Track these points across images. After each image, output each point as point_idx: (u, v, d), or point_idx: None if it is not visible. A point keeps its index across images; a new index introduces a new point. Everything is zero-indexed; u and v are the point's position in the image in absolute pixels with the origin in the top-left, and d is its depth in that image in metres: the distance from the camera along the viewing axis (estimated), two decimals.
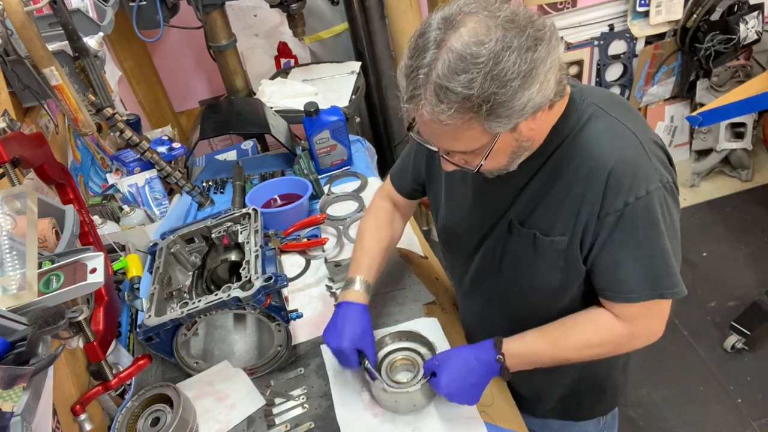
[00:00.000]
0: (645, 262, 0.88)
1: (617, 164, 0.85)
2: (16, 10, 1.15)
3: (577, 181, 0.88)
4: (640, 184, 0.84)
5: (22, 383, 0.72)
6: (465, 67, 0.72)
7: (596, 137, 0.88)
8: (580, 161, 0.88)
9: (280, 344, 1.20)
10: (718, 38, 2.70)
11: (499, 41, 0.72)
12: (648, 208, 0.85)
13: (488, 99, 0.73)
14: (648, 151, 0.86)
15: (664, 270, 0.89)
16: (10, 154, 0.93)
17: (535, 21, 0.76)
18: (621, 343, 0.98)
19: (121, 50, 2.28)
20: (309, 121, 1.73)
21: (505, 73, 0.72)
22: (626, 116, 0.90)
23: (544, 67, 0.75)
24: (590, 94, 0.91)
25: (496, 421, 1.06)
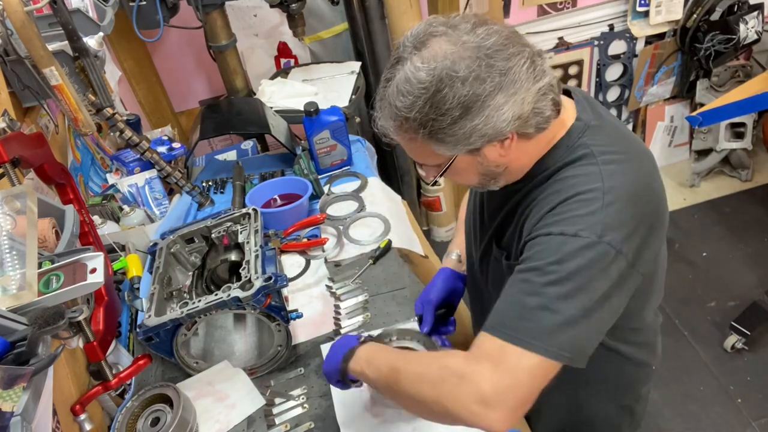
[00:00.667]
0: (523, 297, 0.76)
1: (564, 201, 0.78)
2: (16, 10, 1.15)
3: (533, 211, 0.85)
4: (573, 224, 0.75)
5: (22, 383, 0.72)
6: (409, 89, 0.74)
7: (565, 181, 0.82)
8: (542, 195, 0.84)
9: (280, 344, 1.20)
10: (718, 38, 2.70)
11: (446, 69, 0.72)
12: (565, 247, 0.74)
13: (425, 124, 0.75)
14: (608, 201, 0.76)
15: (537, 315, 0.73)
16: (10, 154, 0.93)
17: (505, 50, 0.73)
18: (444, 380, 0.75)
19: (121, 50, 2.28)
20: (309, 121, 1.73)
21: (445, 102, 0.73)
22: (615, 164, 0.81)
23: (492, 100, 0.73)
24: (592, 133, 0.84)
25: None
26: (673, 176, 3.30)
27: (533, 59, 0.75)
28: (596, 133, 0.85)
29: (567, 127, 0.85)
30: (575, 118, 0.86)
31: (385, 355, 0.88)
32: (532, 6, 2.71)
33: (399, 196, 1.82)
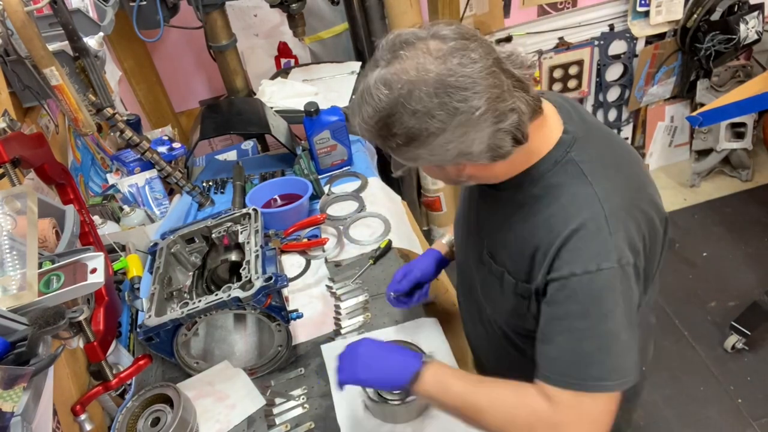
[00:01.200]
0: (575, 343, 0.79)
1: (572, 234, 0.79)
2: (16, 10, 1.15)
3: (535, 237, 0.84)
4: (591, 259, 0.78)
5: (22, 383, 0.72)
6: (369, 102, 0.76)
7: (559, 202, 0.83)
8: (541, 218, 0.84)
9: (280, 344, 1.20)
10: (719, 38, 2.70)
11: (402, 98, 0.72)
12: (595, 285, 0.78)
13: (380, 137, 0.78)
14: (613, 226, 0.79)
15: (596, 357, 0.78)
16: (10, 154, 0.93)
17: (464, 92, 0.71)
18: (534, 426, 0.81)
19: (121, 50, 2.28)
20: (309, 121, 1.73)
21: (393, 127, 0.74)
22: (608, 181, 0.82)
23: (436, 139, 0.74)
24: (580, 147, 0.85)
25: None
26: (673, 176, 3.30)
27: (497, 102, 0.73)
28: (584, 146, 0.85)
29: (554, 140, 0.85)
30: (562, 131, 0.86)
31: (457, 384, 0.87)
32: (532, 6, 2.71)
33: (399, 196, 1.82)
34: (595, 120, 0.93)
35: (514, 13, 2.72)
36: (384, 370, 0.92)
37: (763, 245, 2.80)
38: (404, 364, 0.91)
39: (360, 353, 0.94)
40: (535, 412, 0.80)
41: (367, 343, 0.96)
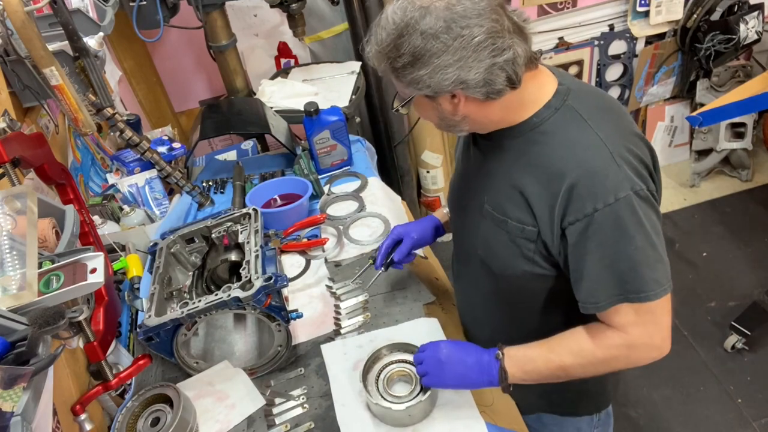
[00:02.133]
0: (611, 268, 0.88)
1: (582, 175, 0.86)
2: (16, 10, 1.15)
3: (539, 181, 0.91)
4: (608, 192, 0.85)
5: (22, 383, 0.72)
6: (384, 26, 0.85)
7: (563, 146, 0.89)
8: (544, 163, 0.91)
9: (280, 344, 1.20)
10: (718, 38, 2.70)
11: (413, 20, 0.82)
12: (616, 214, 0.85)
13: (388, 59, 0.86)
14: (619, 160, 0.86)
15: (630, 274, 0.87)
16: (10, 154, 0.93)
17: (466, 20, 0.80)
18: (618, 355, 0.94)
19: (121, 50, 2.28)
20: (309, 121, 1.73)
21: (401, 47, 0.83)
22: (605, 123, 0.90)
23: (437, 59, 0.82)
24: (575, 96, 0.93)
25: (496, 421, 1.06)
26: (673, 176, 3.30)
27: (496, 36, 0.82)
28: (578, 96, 0.93)
29: (551, 91, 0.93)
30: (558, 83, 0.94)
31: (534, 359, 0.97)
32: (532, 6, 2.72)
33: (399, 196, 1.82)
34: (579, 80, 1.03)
35: None
36: (472, 377, 0.99)
37: (763, 245, 2.80)
38: (487, 367, 0.98)
39: (444, 361, 1.00)
40: (610, 346, 0.93)
41: (447, 349, 1.01)
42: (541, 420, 1.27)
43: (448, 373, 0.99)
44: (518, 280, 1.03)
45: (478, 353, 1.00)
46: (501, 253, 1.02)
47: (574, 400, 1.24)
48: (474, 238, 1.08)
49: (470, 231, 1.09)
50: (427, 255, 1.50)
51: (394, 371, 1.10)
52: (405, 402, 1.02)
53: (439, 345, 1.02)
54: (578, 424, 1.27)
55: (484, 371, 0.98)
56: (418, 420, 1.05)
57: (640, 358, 0.95)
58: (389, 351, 1.12)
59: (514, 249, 0.98)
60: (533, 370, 0.98)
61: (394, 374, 1.09)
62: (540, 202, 0.91)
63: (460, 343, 1.04)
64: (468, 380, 1.00)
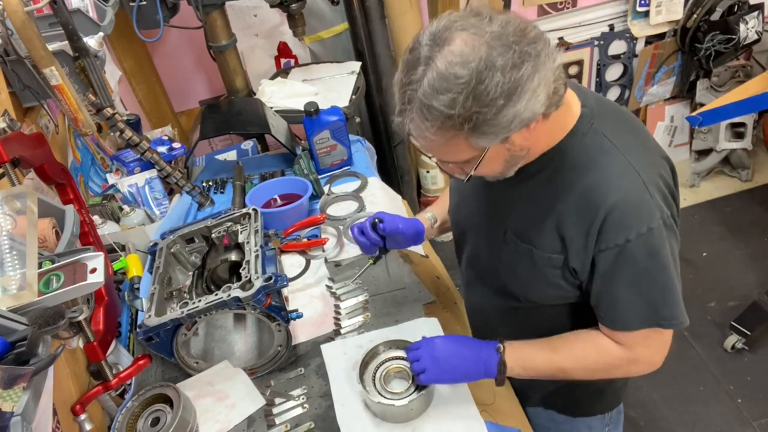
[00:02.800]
0: (644, 295, 0.89)
1: (618, 204, 0.85)
2: (16, 10, 1.15)
3: (572, 204, 0.89)
4: (641, 222, 0.85)
5: (22, 383, 0.72)
6: (447, 86, 0.73)
7: (595, 174, 0.87)
8: (575, 191, 0.88)
9: (280, 344, 1.20)
10: (718, 38, 2.70)
11: (483, 60, 0.72)
12: (649, 243, 0.86)
13: (470, 118, 0.75)
14: (651, 188, 0.86)
15: (661, 302, 0.90)
16: (10, 154, 0.93)
17: (526, 34, 0.75)
18: (618, 366, 0.99)
19: (121, 50, 2.28)
20: (309, 121, 1.73)
21: (488, 92, 0.73)
22: (633, 148, 0.89)
23: (531, 83, 0.75)
24: (600, 119, 0.90)
25: (497, 419, 1.06)
26: None
27: (545, 41, 0.78)
28: (603, 118, 0.91)
29: (576, 113, 0.90)
30: (581, 105, 0.91)
31: (538, 357, 0.99)
32: (532, 6, 2.72)
33: (399, 196, 1.82)
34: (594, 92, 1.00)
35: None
36: (469, 369, 1.00)
37: (763, 245, 2.80)
38: (485, 359, 0.98)
39: (439, 357, 1.00)
40: (615, 357, 0.96)
41: (442, 344, 1.02)
42: (552, 419, 1.27)
43: (444, 368, 0.99)
44: (541, 300, 1.03)
45: (474, 346, 1.00)
46: (525, 280, 1.01)
47: (586, 400, 1.24)
48: (494, 262, 1.06)
49: (489, 255, 1.07)
50: (427, 254, 1.50)
51: (390, 368, 1.10)
52: (405, 397, 1.03)
53: (433, 341, 1.02)
54: (590, 422, 1.28)
55: (481, 362, 0.98)
56: (417, 415, 1.05)
57: (636, 372, 1.00)
58: (385, 348, 1.13)
59: (538, 276, 0.97)
60: (533, 367, 0.99)
61: (390, 371, 1.10)
62: (572, 231, 0.89)
63: (455, 336, 1.05)
64: (464, 372, 1.00)
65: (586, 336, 0.99)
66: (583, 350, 0.98)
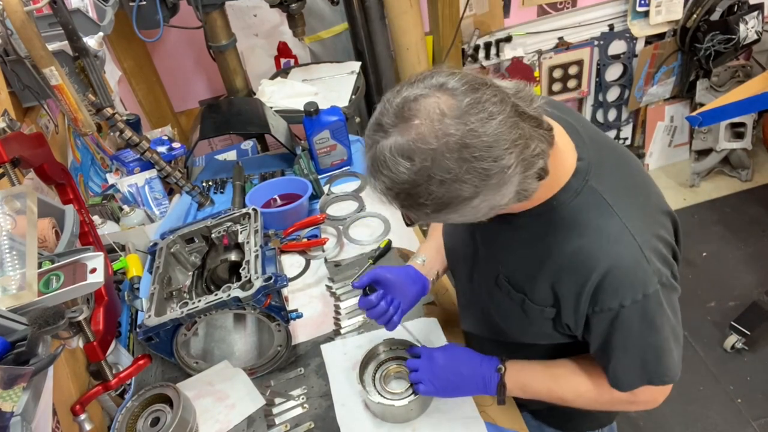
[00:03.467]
0: (637, 357, 0.88)
1: (612, 270, 0.81)
2: (16, 10, 1.15)
3: (565, 265, 0.85)
4: (636, 290, 0.82)
5: (22, 383, 0.72)
6: (388, 174, 0.71)
7: (589, 236, 0.82)
8: (571, 252, 0.83)
9: (280, 344, 1.20)
10: (718, 38, 2.70)
11: (425, 169, 0.67)
12: (644, 310, 0.83)
13: (405, 206, 0.73)
14: (648, 253, 0.81)
15: (654, 363, 0.89)
16: (10, 154, 0.93)
17: (494, 150, 0.67)
18: (617, 405, 0.99)
19: (121, 50, 2.28)
20: (309, 121, 1.73)
21: (420, 197, 0.70)
22: (631, 208, 0.84)
23: (469, 203, 0.70)
24: (597, 175, 0.84)
25: (496, 420, 1.06)
26: (673, 176, 3.30)
27: (524, 149, 0.69)
28: (600, 171, 0.85)
29: (571, 167, 0.84)
30: (577, 158, 0.85)
31: (535, 383, 0.99)
32: (532, 6, 2.71)
33: None
34: (594, 129, 0.94)
35: (514, 13, 2.72)
36: (466, 387, 1.00)
37: (763, 245, 2.80)
38: (485, 379, 0.98)
39: (438, 374, 0.99)
40: (616, 398, 0.95)
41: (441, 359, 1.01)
42: (542, 430, 1.27)
43: (441, 385, 1.00)
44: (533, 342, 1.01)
45: (474, 364, 0.99)
46: (517, 324, 0.99)
47: (577, 418, 1.23)
48: (487, 302, 1.04)
49: (483, 292, 1.04)
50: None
51: (390, 368, 1.10)
52: (405, 398, 1.03)
53: (432, 355, 1.02)
54: None
55: (480, 381, 0.98)
56: (416, 415, 1.05)
57: (637, 410, 1.03)
58: (385, 348, 1.13)
59: (530, 324, 0.95)
60: (532, 392, 0.99)
61: (390, 371, 1.10)
62: (564, 289, 0.86)
63: (456, 352, 1.03)
64: (462, 390, 1.01)
65: (590, 370, 0.97)
66: (585, 386, 0.97)
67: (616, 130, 3.26)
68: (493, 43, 2.74)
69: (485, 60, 2.80)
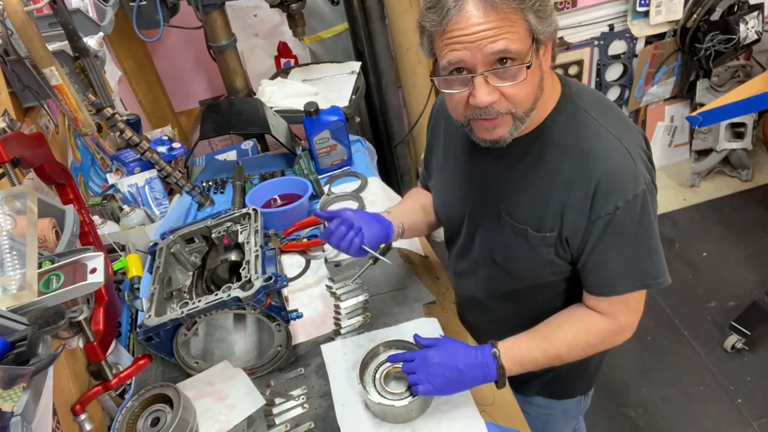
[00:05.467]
0: (632, 257, 0.94)
1: (605, 173, 0.89)
2: (16, 10, 1.15)
3: (562, 182, 0.93)
4: (628, 190, 0.89)
5: (22, 383, 0.72)
6: None
7: (584, 148, 0.91)
8: (566, 165, 0.92)
9: (280, 344, 1.20)
10: (718, 38, 2.70)
11: None
12: (636, 209, 0.90)
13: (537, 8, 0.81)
14: (634, 157, 0.90)
15: (648, 262, 0.94)
16: (10, 154, 0.93)
17: None
18: (606, 339, 1.03)
19: (121, 50, 2.28)
20: (309, 121, 1.73)
21: None
22: (613, 122, 0.93)
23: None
24: (579, 97, 0.95)
25: (497, 419, 1.06)
26: (673, 176, 3.30)
27: None
28: (581, 95, 0.96)
29: (557, 92, 0.95)
30: (561, 84, 0.96)
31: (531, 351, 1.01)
32: None
33: (399, 196, 1.81)
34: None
35: None
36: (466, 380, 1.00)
37: (763, 245, 2.80)
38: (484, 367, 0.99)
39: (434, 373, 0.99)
40: (601, 331, 1.00)
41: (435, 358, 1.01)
42: (532, 402, 1.31)
43: (440, 383, 1.00)
44: (534, 279, 1.06)
45: (469, 356, 1.00)
46: (520, 260, 1.04)
47: (573, 382, 1.28)
48: (489, 245, 1.08)
49: (483, 238, 1.09)
50: (427, 254, 1.50)
51: (390, 368, 1.10)
52: (405, 398, 1.03)
53: (426, 356, 1.02)
54: (566, 406, 1.32)
55: (479, 370, 0.99)
56: (417, 415, 1.05)
57: (620, 340, 1.04)
58: (385, 348, 1.13)
59: (533, 255, 1.01)
60: (530, 362, 1.01)
61: (390, 371, 1.10)
62: (567, 205, 0.93)
63: (448, 348, 1.03)
64: (462, 384, 1.01)
65: (571, 318, 1.03)
66: (573, 332, 1.01)
67: None
68: None
69: None
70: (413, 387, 1.02)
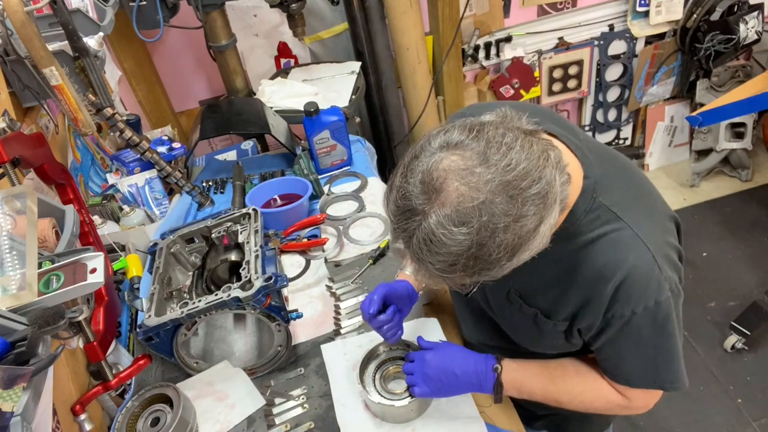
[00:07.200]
0: (648, 361, 0.90)
1: (627, 278, 0.82)
2: (16, 10, 1.15)
3: (581, 282, 0.86)
4: (649, 297, 0.83)
5: (22, 383, 0.72)
6: (447, 252, 0.67)
7: (603, 250, 0.83)
8: (586, 266, 0.84)
9: (280, 344, 1.20)
10: (718, 38, 2.70)
11: (484, 225, 0.65)
12: (656, 316, 0.84)
13: (473, 274, 0.70)
14: (660, 260, 0.83)
15: (664, 367, 0.90)
16: (10, 154, 0.93)
17: (533, 173, 0.67)
18: (612, 409, 1.00)
19: (121, 50, 2.28)
20: (309, 121, 1.73)
21: (491, 254, 0.67)
22: (640, 218, 0.85)
23: (537, 232, 0.69)
24: (604, 190, 0.84)
25: (495, 422, 1.06)
26: (673, 176, 3.30)
27: (547, 152, 0.69)
28: (606, 186, 0.85)
29: (578, 188, 0.83)
30: (583, 177, 0.84)
31: (532, 384, 0.99)
32: (532, 6, 2.72)
33: None
34: (593, 140, 0.95)
35: (514, 13, 2.72)
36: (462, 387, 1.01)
37: (763, 245, 2.80)
38: (481, 378, 0.98)
39: (432, 377, 0.99)
40: (611, 402, 0.97)
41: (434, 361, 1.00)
42: None
43: (436, 386, 1.00)
44: (543, 349, 1.02)
45: (467, 364, 0.99)
46: (527, 335, 1.01)
47: (578, 425, 1.25)
48: (496, 315, 1.06)
49: (490, 307, 1.06)
50: None
51: (390, 368, 1.10)
52: (405, 398, 1.03)
53: (424, 358, 1.02)
54: None
55: (475, 382, 0.99)
56: (417, 415, 1.05)
57: (628, 414, 1.02)
58: (385, 348, 1.13)
59: (542, 334, 0.97)
60: (528, 393, 0.99)
61: (390, 371, 1.10)
62: (579, 303, 0.87)
63: (447, 353, 1.02)
64: (458, 389, 1.01)
65: (586, 374, 0.98)
66: (581, 388, 0.98)
67: (616, 130, 3.26)
68: (493, 43, 2.75)
69: (485, 60, 2.80)
70: (411, 388, 1.02)
